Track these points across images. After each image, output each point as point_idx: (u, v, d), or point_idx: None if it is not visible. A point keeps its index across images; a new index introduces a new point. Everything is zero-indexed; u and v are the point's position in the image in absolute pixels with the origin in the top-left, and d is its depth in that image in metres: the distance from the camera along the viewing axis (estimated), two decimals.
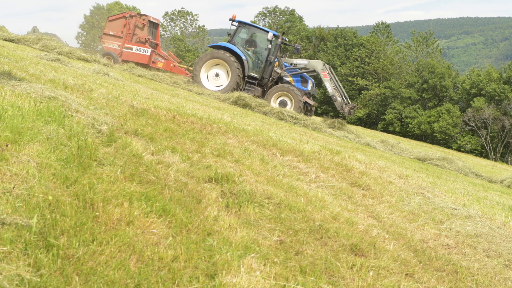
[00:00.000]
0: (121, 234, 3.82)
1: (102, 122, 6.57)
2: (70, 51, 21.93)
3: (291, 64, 23.95)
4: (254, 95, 22.54)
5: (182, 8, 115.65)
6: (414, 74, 75.39)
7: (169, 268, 3.71)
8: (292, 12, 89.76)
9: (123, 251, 3.65)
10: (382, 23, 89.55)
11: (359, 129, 50.15)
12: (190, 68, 28.68)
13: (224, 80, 22.65)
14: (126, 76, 18.05)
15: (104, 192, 4.43)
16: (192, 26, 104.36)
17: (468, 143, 63.40)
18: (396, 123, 73.28)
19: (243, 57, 22.39)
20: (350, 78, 78.86)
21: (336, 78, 24.09)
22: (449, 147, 62.22)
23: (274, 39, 22.96)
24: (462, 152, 56.88)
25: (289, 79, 23.15)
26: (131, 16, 27.72)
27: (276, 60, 23.08)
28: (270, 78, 22.98)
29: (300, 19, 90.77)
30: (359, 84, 78.22)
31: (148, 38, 27.87)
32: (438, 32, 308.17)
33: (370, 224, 5.93)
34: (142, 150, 6.08)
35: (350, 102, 24.34)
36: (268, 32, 23.20)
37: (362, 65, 78.69)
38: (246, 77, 22.71)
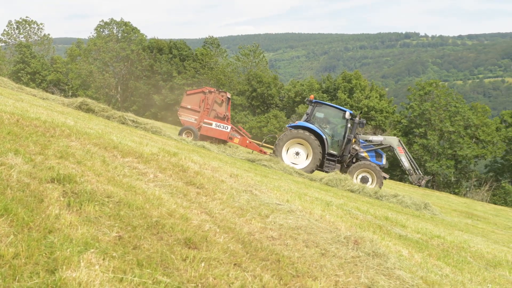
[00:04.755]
0: None
1: None
2: None
3: (366, 140, 23.46)
4: (335, 172, 21.67)
5: (27, 17, 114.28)
6: (244, 83, 77.59)
7: (9, 265, 3.62)
8: (127, 24, 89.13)
9: None
10: (211, 37, 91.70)
11: None
12: (264, 144, 27.54)
13: (303, 158, 22.07)
14: None
15: None
16: (36, 35, 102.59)
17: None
18: None
19: (323, 136, 21.89)
20: (186, 88, 79.37)
21: (408, 152, 23.78)
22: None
23: (350, 117, 22.52)
24: None
25: (364, 154, 22.78)
26: (210, 92, 26.47)
27: (353, 137, 22.59)
28: (349, 155, 22.51)
29: (137, 30, 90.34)
30: None
31: (226, 115, 26.85)
32: (267, 46, 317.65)
33: (203, 219, 6.03)
34: None
35: (421, 173, 24.10)
36: (345, 111, 22.63)
37: (197, 75, 79.62)
38: (326, 155, 22.15)
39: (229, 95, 27.74)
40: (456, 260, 8.17)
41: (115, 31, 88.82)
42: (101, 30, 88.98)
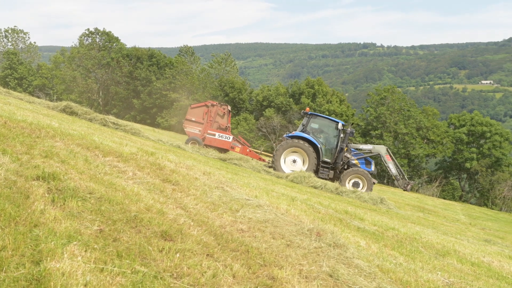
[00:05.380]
0: None
1: None
2: None
3: (356, 149, 23.68)
4: (329, 177, 22.10)
5: (15, 26, 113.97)
6: (218, 89, 77.77)
7: None
8: (108, 33, 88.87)
9: None
10: (186, 46, 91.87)
11: (172, 134, 50.29)
12: (263, 153, 27.24)
13: (300, 165, 22.15)
14: None
15: None
16: (23, 43, 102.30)
17: (261, 145, 66.28)
18: None
19: (318, 145, 22.03)
20: (164, 92, 79.49)
21: (395, 159, 23.87)
22: None
23: (343, 128, 22.61)
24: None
25: (355, 161, 22.87)
26: (213, 105, 26.41)
27: (345, 146, 22.71)
28: (341, 162, 22.58)
29: (117, 40, 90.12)
30: (171, 97, 79.10)
31: (228, 126, 26.82)
32: (237, 54, 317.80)
33: (178, 213, 6.02)
34: None
35: (406, 179, 24.23)
36: (338, 122, 22.84)
37: (174, 81, 79.70)
38: (321, 162, 22.25)
39: (229, 108, 27.83)
40: (409, 250, 8.27)
41: (97, 40, 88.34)
42: (84, 38, 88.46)
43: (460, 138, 69.91)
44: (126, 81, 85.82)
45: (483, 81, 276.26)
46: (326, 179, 21.83)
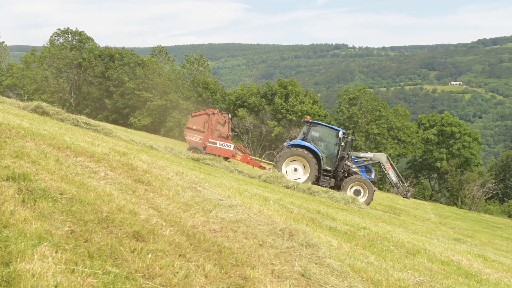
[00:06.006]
0: None
1: None
2: None
3: (357, 157, 23.58)
4: (330, 186, 21.99)
5: None
6: (190, 89, 77.60)
7: None
8: (81, 33, 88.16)
9: None
10: (159, 46, 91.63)
11: (144, 134, 49.99)
12: (264, 161, 27.13)
13: (301, 173, 22.02)
14: None
15: None
16: None
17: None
18: (176, 130, 74.69)
19: (319, 153, 21.89)
20: (137, 92, 79.12)
21: (395, 167, 23.79)
22: None
23: (343, 136, 22.60)
24: None
25: (355, 169, 22.73)
26: (213, 113, 26.11)
27: (346, 154, 22.60)
28: (342, 170, 22.46)
29: (91, 39, 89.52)
30: (144, 97, 78.80)
31: (229, 134, 26.60)
32: (210, 55, 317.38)
33: (150, 214, 5.99)
34: None
35: (406, 186, 24.17)
36: (338, 131, 22.73)
37: (147, 81, 79.39)
38: (322, 170, 22.11)
39: (229, 116, 27.79)
40: (380, 249, 8.36)
41: (70, 39, 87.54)
42: (56, 38, 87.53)
43: (429, 139, 70.88)
44: (98, 81, 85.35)
45: (452, 82, 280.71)
46: (327, 187, 21.91)
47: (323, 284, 5.19)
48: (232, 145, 25.46)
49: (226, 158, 25.25)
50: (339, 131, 22.77)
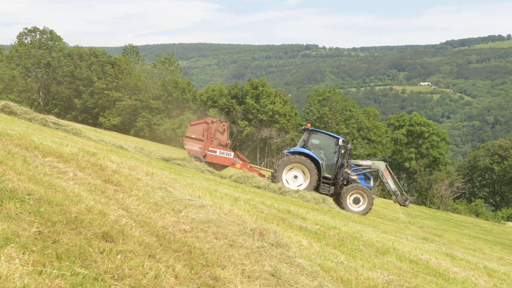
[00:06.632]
0: None
1: None
2: None
3: (356, 164, 23.43)
4: (329, 193, 21.89)
5: None
6: (160, 89, 77.32)
7: None
8: (51, 32, 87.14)
9: None
10: (130, 45, 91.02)
11: (114, 134, 49.54)
12: (262, 168, 27.07)
13: (301, 180, 21.85)
14: None
15: None
16: None
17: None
18: (146, 129, 74.35)
19: (319, 161, 21.72)
20: (106, 92, 78.47)
21: (393, 175, 23.68)
22: None
23: (343, 144, 22.48)
24: None
25: (354, 177, 22.59)
26: (212, 122, 25.83)
27: (346, 161, 22.43)
28: (342, 178, 22.29)
29: (60, 38, 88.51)
30: (114, 96, 78.15)
31: (228, 143, 26.29)
32: (181, 54, 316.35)
33: (120, 214, 5.94)
34: None
35: (405, 194, 24.04)
36: (338, 138, 22.64)
37: (116, 80, 78.80)
38: (321, 178, 21.95)
39: (228, 124, 27.71)
40: (350, 248, 8.44)
41: (38, 37, 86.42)
42: (24, 37, 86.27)
43: (399, 139, 71.79)
44: (67, 81, 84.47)
45: (421, 83, 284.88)
46: (327, 194, 21.97)
47: (293, 283, 5.22)
48: (232, 153, 25.49)
49: (224, 167, 25.32)
50: (339, 139, 22.84)
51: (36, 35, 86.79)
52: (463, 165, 79.65)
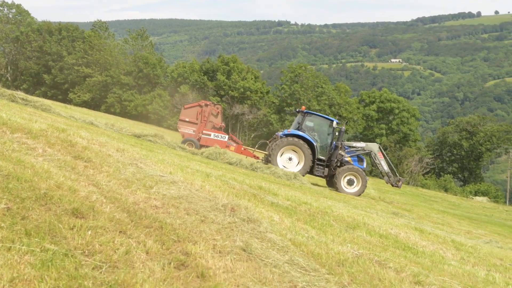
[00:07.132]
0: None
1: None
2: None
3: (349, 146, 23.36)
4: (324, 175, 22.19)
5: None
6: (132, 65, 76.53)
7: None
8: (18, 7, 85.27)
9: None
10: (100, 21, 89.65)
11: (84, 110, 48.91)
12: (257, 150, 26.98)
13: (295, 162, 21.89)
14: None
15: None
16: None
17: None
18: (117, 105, 73.66)
19: (314, 143, 21.72)
20: (76, 67, 77.37)
21: (387, 157, 23.68)
22: (161, 126, 64.07)
23: (337, 126, 22.52)
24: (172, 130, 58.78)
25: (348, 159, 22.66)
26: (206, 105, 25.59)
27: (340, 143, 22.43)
28: (336, 160, 22.25)
29: (27, 13, 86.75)
30: (84, 72, 77.09)
31: (222, 125, 26.02)
32: (152, 30, 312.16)
33: (90, 191, 5.91)
34: None
35: (398, 175, 24.24)
36: (332, 120, 22.72)
37: (86, 56, 77.69)
38: (316, 160, 21.95)
39: (221, 107, 27.63)
40: (321, 223, 8.53)
41: (5, 11, 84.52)
42: None
43: (370, 115, 72.36)
44: (36, 56, 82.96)
45: (392, 60, 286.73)
46: (321, 176, 22.36)
47: (264, 258, 5.26)
48: (226, 136, 25.55)
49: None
50: (333, 121, 23.03)
51: (4, 9, 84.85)
52: (432, 141, 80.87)
